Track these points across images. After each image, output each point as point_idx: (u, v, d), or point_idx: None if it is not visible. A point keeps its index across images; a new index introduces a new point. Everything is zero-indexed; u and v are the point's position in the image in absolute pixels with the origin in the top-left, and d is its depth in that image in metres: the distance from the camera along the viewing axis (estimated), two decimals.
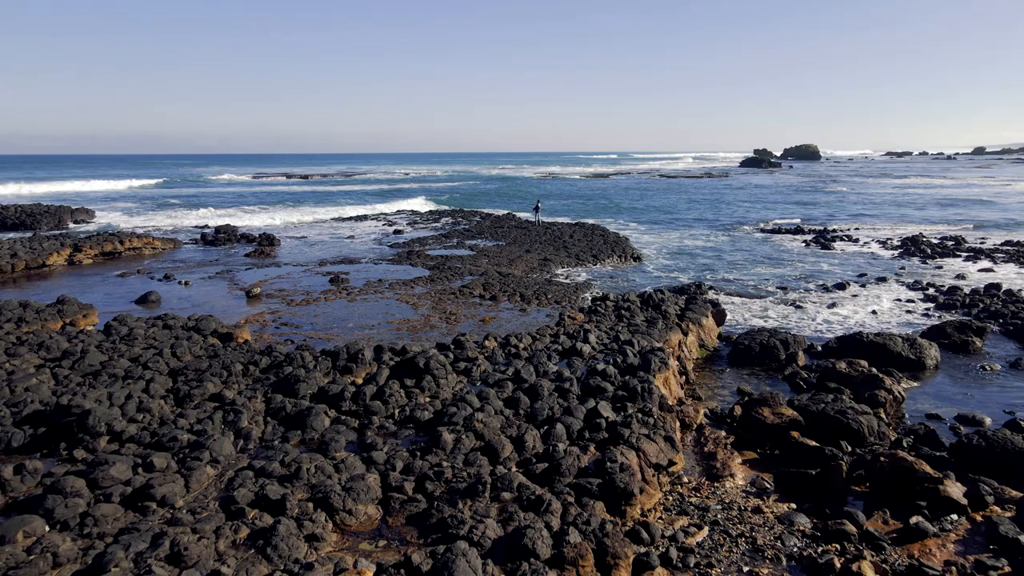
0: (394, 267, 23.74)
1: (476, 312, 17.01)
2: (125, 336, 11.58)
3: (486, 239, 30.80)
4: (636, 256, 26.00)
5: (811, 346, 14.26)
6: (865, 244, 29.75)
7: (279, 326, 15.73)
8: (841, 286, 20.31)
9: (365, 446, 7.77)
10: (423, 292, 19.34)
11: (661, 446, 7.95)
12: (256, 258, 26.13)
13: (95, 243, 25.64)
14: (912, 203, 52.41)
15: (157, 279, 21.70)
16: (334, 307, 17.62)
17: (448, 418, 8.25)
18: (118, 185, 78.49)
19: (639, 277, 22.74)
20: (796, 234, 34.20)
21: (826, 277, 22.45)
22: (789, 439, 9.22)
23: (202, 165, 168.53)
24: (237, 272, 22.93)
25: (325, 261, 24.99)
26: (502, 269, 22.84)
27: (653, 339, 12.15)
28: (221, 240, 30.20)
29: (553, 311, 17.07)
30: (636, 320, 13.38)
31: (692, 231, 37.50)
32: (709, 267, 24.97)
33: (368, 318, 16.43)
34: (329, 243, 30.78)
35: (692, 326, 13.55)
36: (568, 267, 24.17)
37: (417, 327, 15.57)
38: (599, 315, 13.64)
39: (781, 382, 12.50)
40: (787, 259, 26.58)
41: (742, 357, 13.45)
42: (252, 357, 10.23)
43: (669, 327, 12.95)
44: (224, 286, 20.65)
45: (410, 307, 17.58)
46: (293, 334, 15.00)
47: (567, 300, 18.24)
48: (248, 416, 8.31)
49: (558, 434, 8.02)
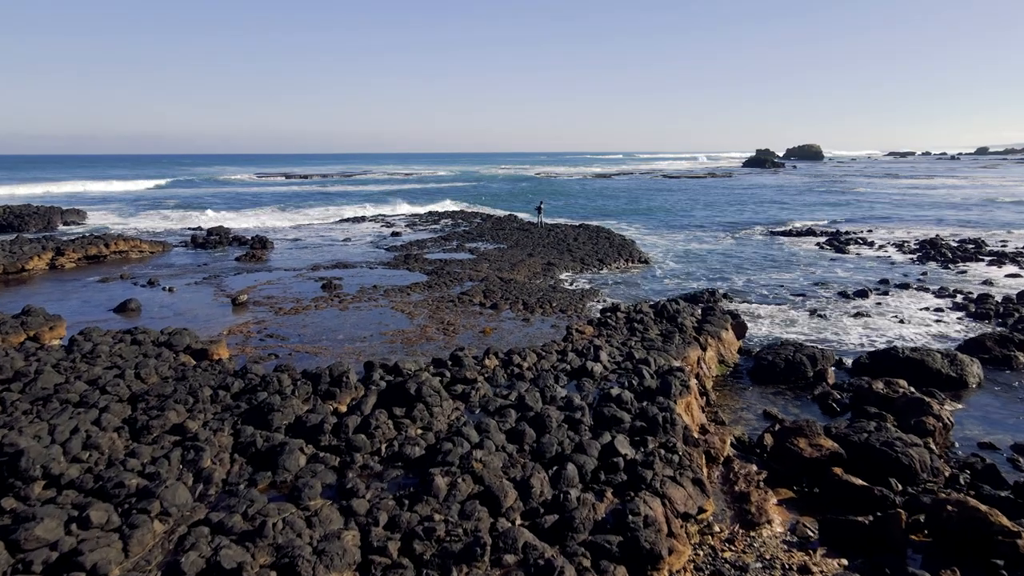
0: (390, 272, 22.63)
1: (476, 322, 15.90)
2: (88, 353, 10.48)
3: (487, 242, 29.68)
4: (643, 259, 24.87)
5: (839, 361, 13.13)
6: (881, 247, 28.58)
7: (264, 338, 14.62)
8: (862, 293, 19.16)
9: (345, 491, 6.65)
10: (420, 300, 18.22)
11: (689, 491, 6.83)
12: (247, 262, 25.03)
13: (78, 246, 24.56)
14: (924, 204, 51.22)
15: (140, 285, 20.59)
16: (325, 316, 16.51)
17: (442, 456, 7.13)
18: (116, 186, 77.39)
19: (648, 283, 21.61)
20: (807, 236, 33.05)
21: (844, 283, 21.31)
22: (831, 476, 8.08)
23: (202, 165, 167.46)
24: (225, 277, 21.83)
25: (318, 265, 23.88)
26: (503, 274, 21.72)
27: (670, 356, 11.03)
28: (212, 243, 29.10)
29: (558, 321, 15.94)
30: (650, 334, 12.25)
31: (698, 233, 36.36)
32: (720, 271, 23.84)
33: (360, 329, 15.32)
34: (324, 246, 29.67)
35: (711, 340, 12.43)
36: (573, 272, 23.05)
37: (412, 339, 14.45)
38: (610, 328, 12.51)
39: (810, 403, 11.37)
40: (801, 263, 25.44)
41: (766, 374, 12.32)
42: (224, 379, 9.11)
43: (687, 342, 11.82)
44: (210, 293, 19.55)
45: (405, 316, 16.46)
46: (278, 347, 13.89)
47: (573, 309, 17.11)
48: (212, 453, 7.19)
49: (569, 476, 6.89)
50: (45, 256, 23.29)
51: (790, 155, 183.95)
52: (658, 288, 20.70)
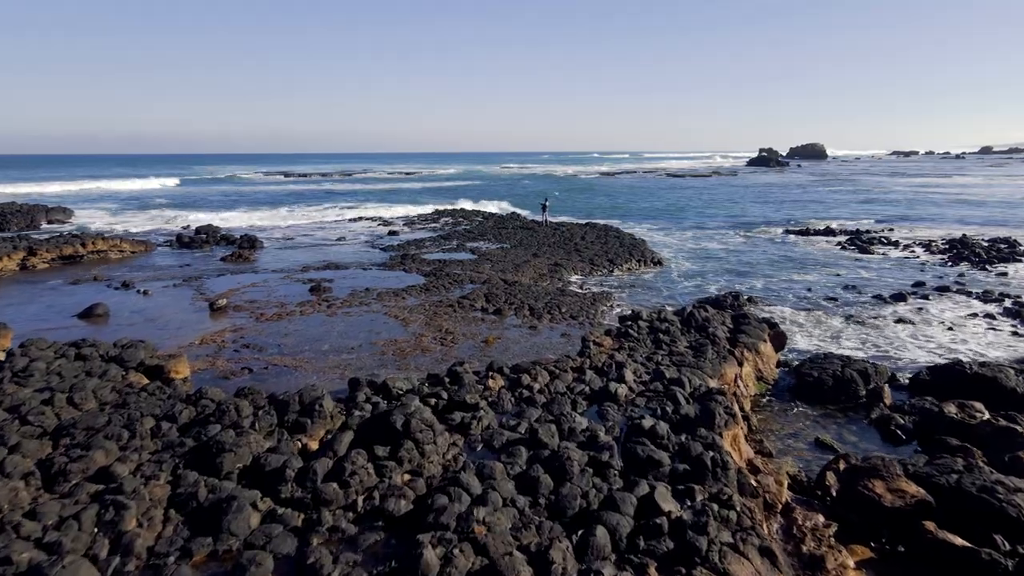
0: (385, 274, 21.01)
1: (477, 330, 14.28)
2: (20, 371, 8.86)
3: (489, 241, 28.06)
4: (656, 260, 23.23)
5: (893, 377, 11.49)
6: (907, 247, 26.91)
7: (239, 348, 13.01)
8: (899, 297, 17.52)
9: (305, 568, 5.04)
10: (416, 304, 16.61)
11: (757, 565, 5.21)
12: (233, 263, 23.43)
13: (52, 246, 22.97)
14: (942, 202, 49.51)
15: (114, 287, 19.00)
16: (310, 323, 14.90)
17: (434, 516, 5.52)
18: (126, 185, 75.56)
19: (664, 285, 19.97)
20: (827, 236, 31.39)
21: (876, 286, 19.66)
22: (924, 534, 6.45)
23: (212, 164, 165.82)
24: (207, 279, 20.23)
25: (308, 266, 22.27)
26: (507, 276, 20.10)
27: (705, 374, 9.41)
28: (199, 242, 27.50)
29: (569, 329, 14.33)
30: (678, 347, 10.63)
31: (709, 231, 34.75)
32: (739, 272, 22.20)
33: (348, 338, 13.70)
34: (316, 246, 28.06)
35: (748, 354, 10.80)
36: (582, 274, 21.42)
37: (406, 350, 12.84)
38: (631, 340, 10.88)
39: (868, 428, 9.74)
40: (822, 264, 23.79)
41: (811, 392, 10.70)
42: (173, 407, 7.49)
43: (722, 356, 10.20)
44: (188, 296, 17.95)
45: (399, 323, 14.85)
46: (253, 360, 12.28)
47: (585, 315, 15.50)
48: (138, 511, 5.59)
49: (599, 545, 5.28)
50: (16, 256, 21.71)
51: (793, 154, 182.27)
52: (675, 291, 19.06)
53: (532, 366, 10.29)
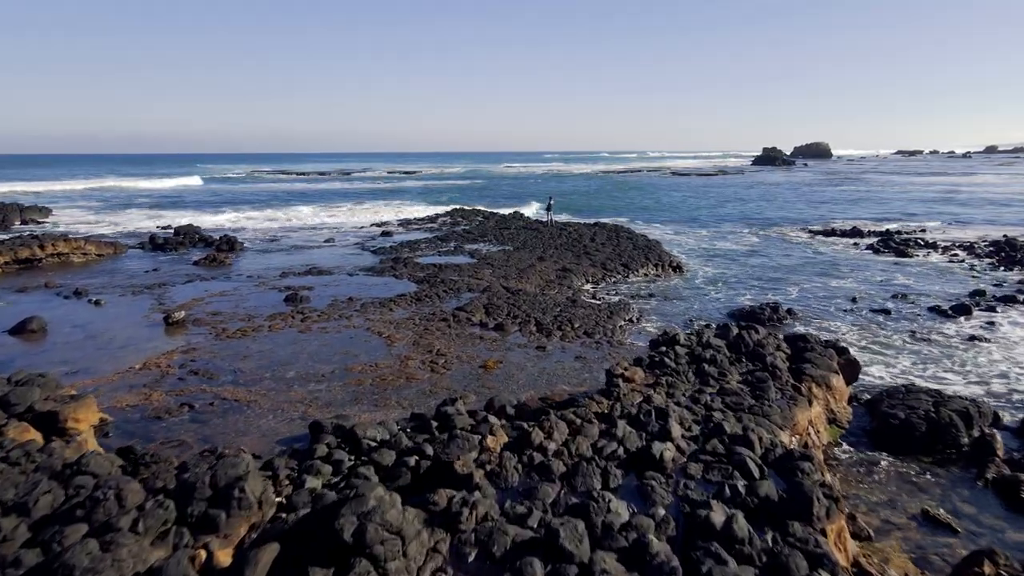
0: (372, 280, 18.73)
1: (474, 351, 11.99)
2: None
3: (489, 243, 25.77)
4: (675, 265, 20.92)
5: (996, 416, 9.19)
6: (947, 250, 24.57)
7: (186, 375, 10.73)
8: (963, 309, 15.22)
9: None
10: (404, 317, 14.33)
11: None
12: (206, 267, 21.17)
13: (6, 248, 20.73)
14: (967, 201, 47.13)
15: (63, 296, 16.74)
16: (278, 342, 12.62)
17: None
18: (142, 184, 73.20)
19: (688, 294, 17.65)
20: (854, 237, 29.06)
21: (928, 295, 17.36)
22: None
23: (203, 164, 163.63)
24: (172, 287, 17.96)
25: (288, 271, 19.99)
26: (510, 283, 17.81)
27: (773, 423, 7.12)
28: (173, 244, 25.23)
29: (584, 350, 12.04)
30: (730, 381, 8.33)
31: (723, 231, 32.49)
32: (767, 278, 19.89)
33: (320, 361, 11.42)
34: (302, 247, 25.79)
35: (817, 390, 8.50)
36: (594, 280, 19.11)
37: (386, 378, 10.54)
38: (669, 372, 8.58)
39: (984, 493, 7.44)
40: (860, 269, 21.49)
41: (897, 439, 8.42)
42: (31, 490, 5.20)
43: (788, 396, 7.90)
44: (146, 306, 15.69)
45: (383, 342, 12.57)
46: (199, 392, 10.00)
47: (601, 331, 13.21)
48: None
49: None
50: None
51: (797, 153, 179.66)
52: (703, 302, 16.74)
53: (543, 409, 8.01)
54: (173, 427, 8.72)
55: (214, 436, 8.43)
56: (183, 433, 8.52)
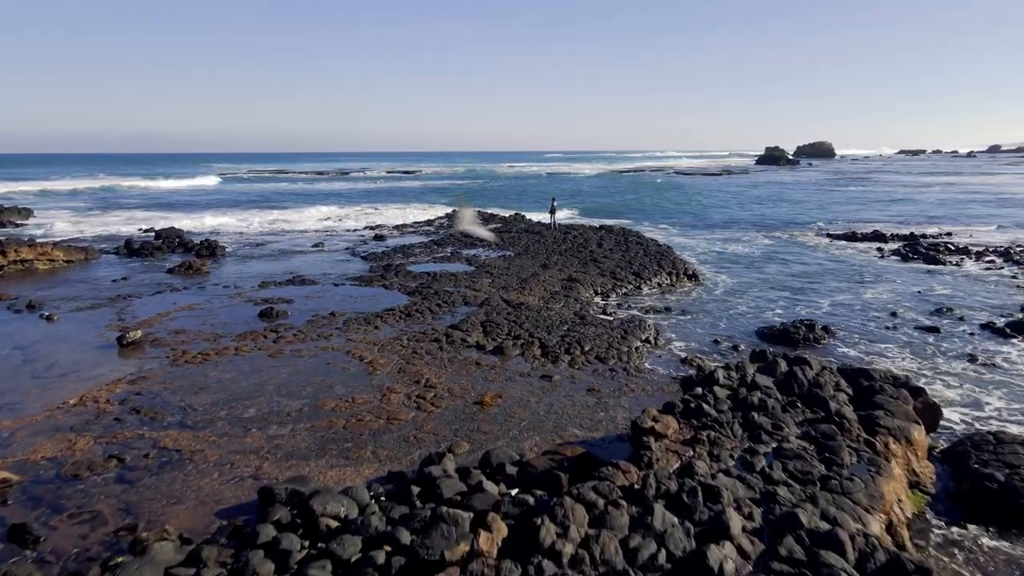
0: (359, 291, 17.02)
1: (470, 380, 10.28)
2: None
3: (488, 248, 24.06)
4: (691, 273, 19.19)
5: None
6: (981, 256, 22.81)
7: (126, 414, 9.02)
8: (1021, 328, 13.49)
9: None
10: (391, 337, 12.61)
11: None
12: (181, 275, 19.46)
13: None
14: (984, 202, 45.33)
15: (14, 310, 15.05)
16: (243, 369, 10.91)
17: None
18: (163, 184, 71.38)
19: (710, 308, 15.88)
20: (876, 241, 27.32)
21: (974, 309, 15.64)
22: None
23: (205, 163, 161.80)
24: (139, 298, 16.27)
25: (269, 281, 18.28)
26: (511, 295, 16.09)
27: (858, 505, 5.43)
28: (149, 249, 23.50)
29: (598, 381, 10.32)
30: (788, 435, 6.61)
31: (734, 233, 30.79)
32: (792, 288, 18.16)
33: (288, 395, 9.71)
34: (288, 253, 24.07)
35: (895, 446, 6.79)
36: (603, 291, 17.38)
37: (364, 419, 8.83)
38: (708, 422, 6.86)
39: None
40: (890, 278, 19.76)
41: (997, 508, 6.69)
42: None
43: (868, 460, 6.20)
44: (103, 323, 13.99)
45: (364, 369, 10.86)
46: (136, 438, 8.29)
47: (616, 356, 11.48)
48: None
49: None
50: None
51: (801, 153, 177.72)
52: (727, 318, 14.97)
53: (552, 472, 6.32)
54: (92, 490, 7.02)
55: (140, 504, 6.74)
56: (102, 499, 6.83)
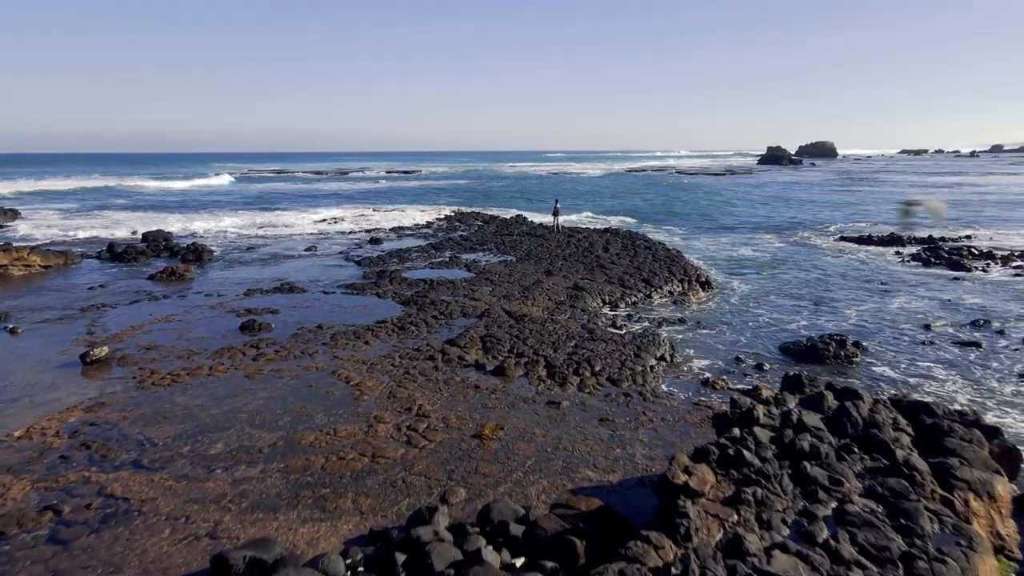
0: (350, 300, 15.89)
1: (468, 408, 9.15)
2: None
3: (489, 252, 22.93)
4: (704, 280, 18.05)
5: None
6: (1008, 261, 21.66)
7: (76, 450, 7.89)
8: None
9: None
10: (382, 355, 11.48)
11: None
12: (163, 282, 18.35)
13: None
14: (999, 204, 44.16)
15: None
16: (216, 392, 9.79)
17: None
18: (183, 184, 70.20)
19: (728, 319, 14.69)
20: (893, 245, 26.15)
21: (1012, 321, 14.50)
22: None
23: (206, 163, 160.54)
24: (113, 308, 15.17)
25: (255, 289, 17.15)
26: (513, 305, 14.96)
27: None
28: (133, 254, 22.37)
29: (611, 408, 9.19)
30: (849, 492, 5.48)
31: (743, 236, 29.67)
32: (812, 297, 17.00)
33: (261, 425, 8.59)
34: (280, 256, 22.95)
35: (976, 502, 5.66)
36: (611, 301, 16.23)
37: (346, 457, 7.69)
38: (751, 473, 5.73)
39: None
40: (914, 284, 18.63)
41: None
42: None
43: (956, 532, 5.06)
44: (70, 335, 12.89)
45: (350, 393, 9.73)
46: (81, 483, 7.16)
47: (629, 377, 10.35)
48: None
49: None
50: None
51: (803, 152, 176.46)
52: (748, 331, 13.80)
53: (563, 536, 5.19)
54: (17, 553, 5.89)
55: (70, 573, 5.61)
56: (27, 566, 5.71)
